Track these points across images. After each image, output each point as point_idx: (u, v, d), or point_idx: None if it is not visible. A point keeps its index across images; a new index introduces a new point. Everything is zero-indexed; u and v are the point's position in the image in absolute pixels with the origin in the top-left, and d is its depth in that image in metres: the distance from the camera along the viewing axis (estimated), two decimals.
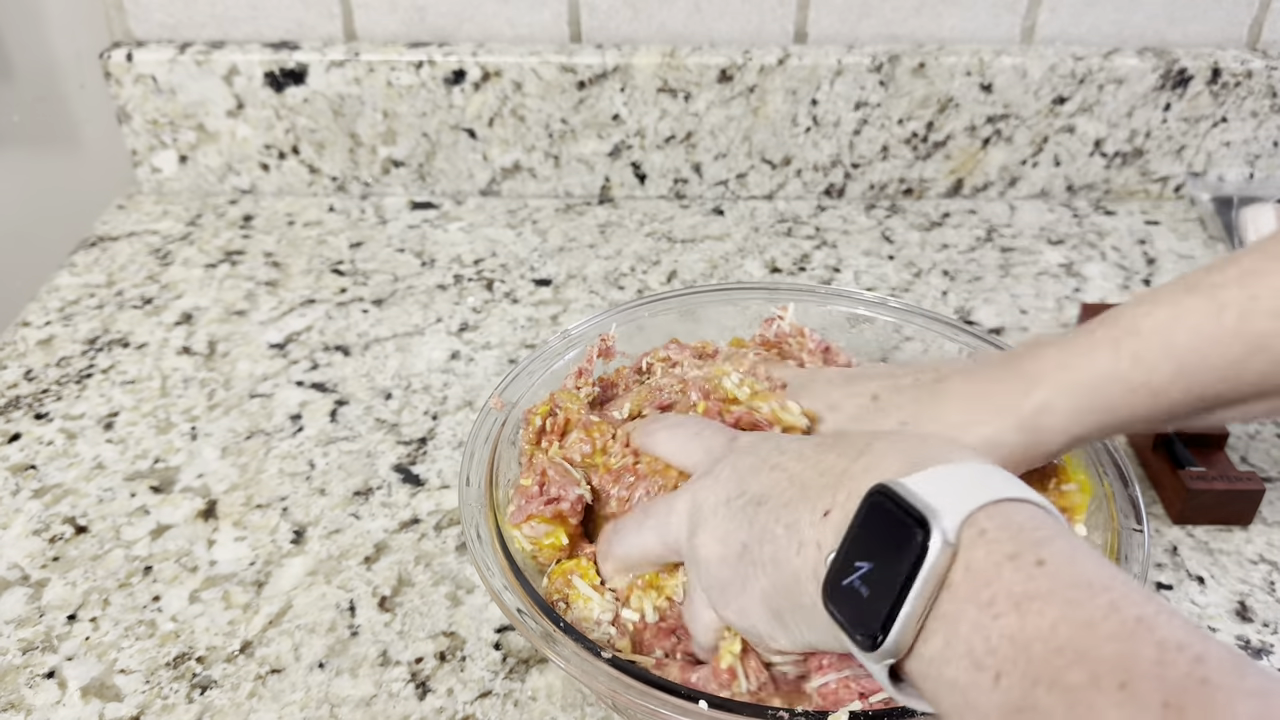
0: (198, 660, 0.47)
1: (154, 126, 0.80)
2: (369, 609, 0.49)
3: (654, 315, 0.55)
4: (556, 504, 0.44)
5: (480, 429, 0.48)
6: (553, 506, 0.44)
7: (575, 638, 0.39)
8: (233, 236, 0.78)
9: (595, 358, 0.52)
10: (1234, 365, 0.39)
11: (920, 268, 0.75)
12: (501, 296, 0.72)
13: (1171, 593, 0.50)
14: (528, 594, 0.41)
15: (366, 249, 0.77)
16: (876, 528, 0.31)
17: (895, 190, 0.83)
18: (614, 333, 0.53)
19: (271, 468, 0.57)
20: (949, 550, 0.29)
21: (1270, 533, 0.53)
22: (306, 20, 0.78)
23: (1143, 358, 0.40)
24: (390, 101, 0.78)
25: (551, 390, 0.51)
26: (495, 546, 0.43)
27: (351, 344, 0.67)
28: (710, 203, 0.83)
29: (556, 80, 0.77)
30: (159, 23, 0.79)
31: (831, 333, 0.56)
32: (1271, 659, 0.47)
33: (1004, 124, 0.80)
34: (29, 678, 0.46)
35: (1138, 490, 0.45)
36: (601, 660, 0.38)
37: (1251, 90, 0.78)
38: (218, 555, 0.52)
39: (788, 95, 0.78)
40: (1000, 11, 0.78)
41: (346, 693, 0.45)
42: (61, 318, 0.69)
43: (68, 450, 0.59)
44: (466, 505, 0.45)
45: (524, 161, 0.81)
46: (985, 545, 0.29)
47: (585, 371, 0.51)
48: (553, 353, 0.53)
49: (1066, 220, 0.81)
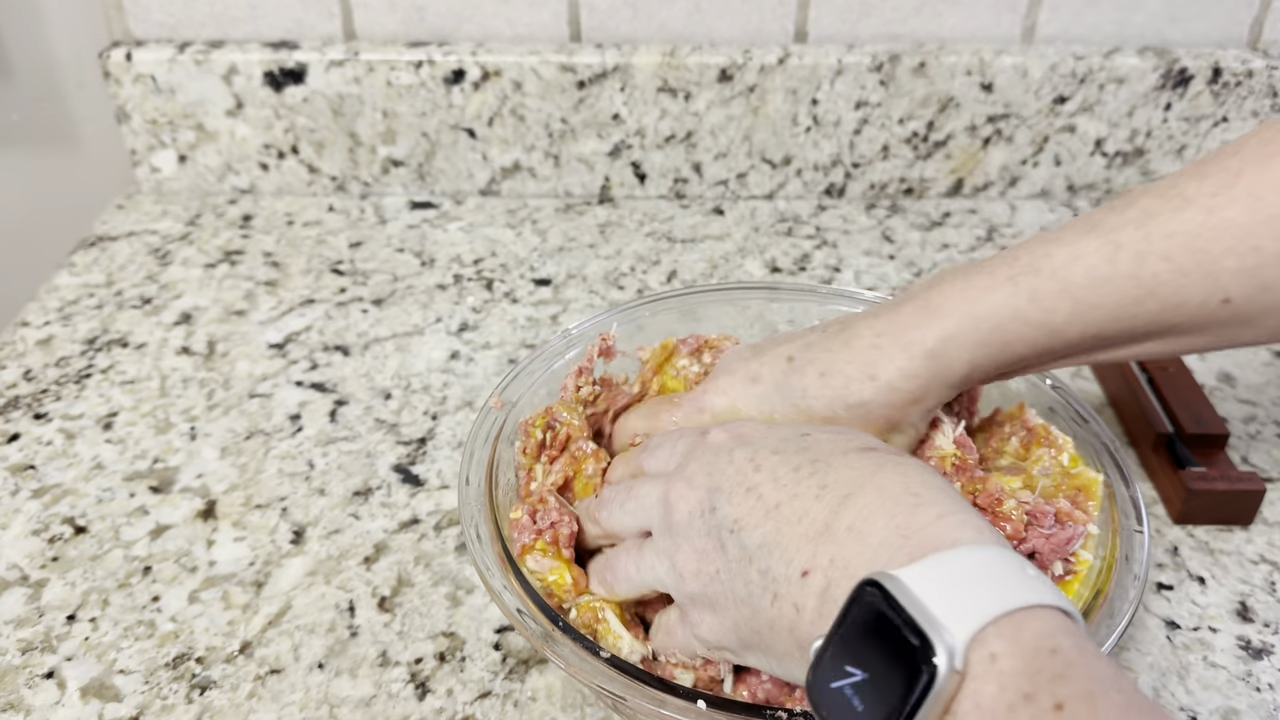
0: (197, 661, 0.47)
1: (153, 126, 0.80)
2: (369, 609, 0.49)
3: (654, 315, 0.55)
4: (553, 530, 0.43)
5: (480, 429, 0.48)
6: (548, 535, 0.43)
7: (574, 637, 0.39)
8: (232, 236, 0.78)
9: (596, 357, 0.52)
10: (1128, 307, 0.40)
11: (921, 267, 0.75)
12: (501, 296, 0.71)
13: (1172, 593, 0.50)
14: (527, 594, 0.41)
15: (366, 249, 0.77)
16: (870, 631, 0.29)
17: (896, 190, 0.83)
18: (614, 332, 0.53)
19: (271, 468, 0.57)
20: (955, 677, 0.27)
21: (1271, 533, 0.53)
22: (306, 20, 0.78)
23: (1040, 296, 0.40)
24: (390, 101, 0.78)
25: (551, 389, 0.51)
26: (495, 547, 0.43)
27: (351, 344, 0.67)
28: (710, 202, 0.83)
29: (556, 80, 0.77)
30: (158, 22, 0.79)
31: None
32: (1272, 659, 0.47)
33: (1004, 124, 0.80)
34: (28, 678, 0.46)
35: (1139, 490, 0.45)
36: (600, 660, 0.38)
37: (1252, 90, 0.78)
38: (217, 555, 0.52)
39: (788, 95, 0.78)
40: (1001, 11, 0.78)
41: (346, 693, 0.45)
42: (61, 318, 0.69)
43: (67, 450, 0.58)
44: (466, 505, 0.45)
45: (524, 161, 0.81)
46: (997, 679, 0.26)
47: (585, 370, 0.51)
48: (553, 352, 0.53)
49: (1067, 220, 0.81)
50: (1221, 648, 0.47)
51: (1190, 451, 0.54)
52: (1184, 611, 0.49)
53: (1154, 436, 0.56)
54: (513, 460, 0.49)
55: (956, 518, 0.32)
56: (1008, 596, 0.28)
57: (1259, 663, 0.47)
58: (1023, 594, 0.28)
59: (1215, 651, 0.47)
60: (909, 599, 0.28)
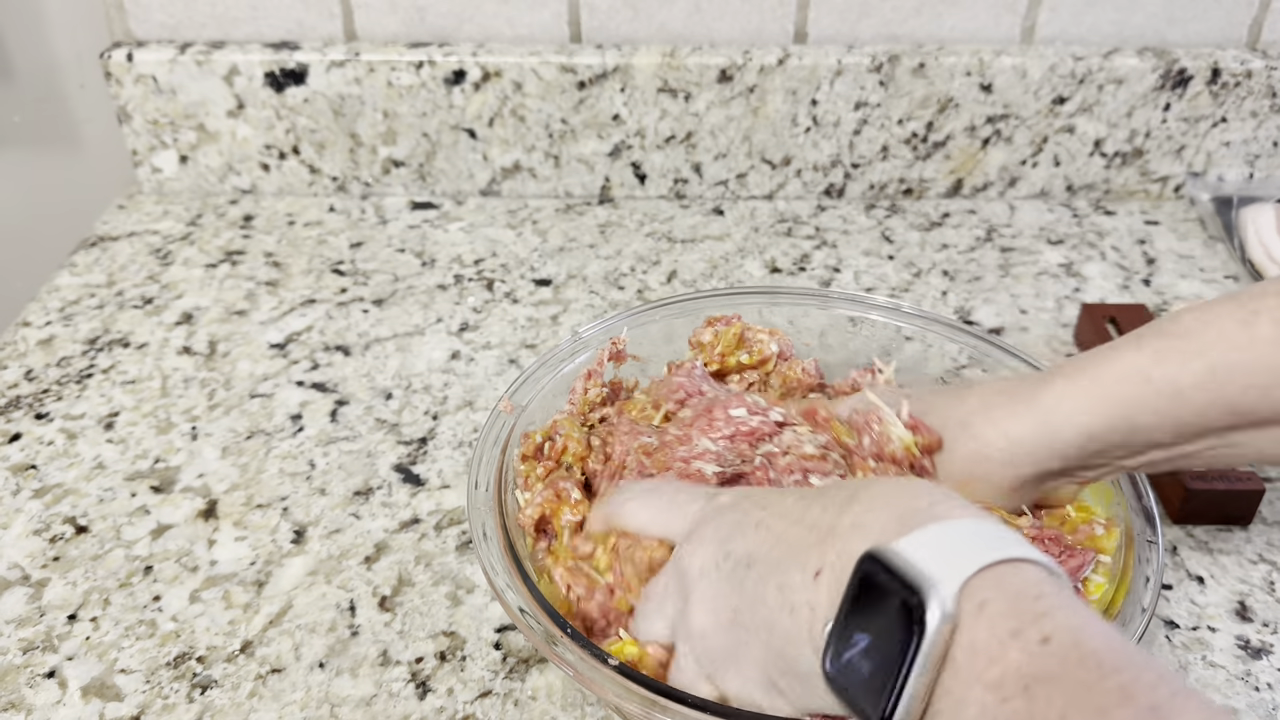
0: (198, 660, 0.47)
1: (154, 126, 0.80)
2: (369, 609, 0.49)
3: (665, 319, 0.55)
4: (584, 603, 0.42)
5: (489, 432, 0.48)
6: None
7: (581, 643, 0.39)
8: (233, 236, 0.78)
9: (606, 361, 0.52)
10: (1267, 373, 0.37)
11: (920, 268, 0.75)
12: (502, 296, 0.72)
13: (1171, 593, 0.50)
14: (534, 596, 0.41)
15: (367, 249, 0.77)
16: (871, 598, 0.30)
17: (895, 190, 0.83)
18: (625, 336, 0.53)
19: (272, 468, 0.57)
20: (949, 624, 0.28)
21: (1270, 532, 0.53)
22: (307, 20, 0.79)
23: (1167, 355, 0.39)
24: (390, 101, 0.78)
25: (559, 391, 0.51)
26: (502, 547, 0.43)
27: (352, 344, 0.67)
28: (710, 203, 0.83)
29: (556, 80, 0.77)
30: (159, 23, 0.79)
31: (831, 334, 0.56)
32: (1271, 659, 0.47)
33: (1004, 124, 0.80)
34: (29, 677, 0.46)
35: (1153, 501, 0.45)
36: (607, 666, 0.38)
37: (1251, 90, 0.78)
38: (218, 555, 0.52)
39: (788, 95, 0.78)
40: (1000, 11, 0.78)
41: (347, 692, 0.45)
42: (62, 318, 0.70)
43: (68, 450, 0.59)
44: (475, 510, 0.44)
45: (524, 161, 0.81)
46: (986, 621, 0.28)
47: (595, 374, 0.51)
48: (562, 356, 0.53)
49: (1066, 220, 0.81)
50: (1220, 647, 0.47)
51: None
52: (1183, 611, 0.49)
53: None
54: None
55: (954, 502, 0.32)
56: (994, 551, 0.29)
57: (1258, 662, 0.47)
58: (1009, 549, 0.29)
59: (1214, 651, 0.47)
60: (903, 561, 0.29)
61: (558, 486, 0.46)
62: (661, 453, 0.45)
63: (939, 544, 0.30)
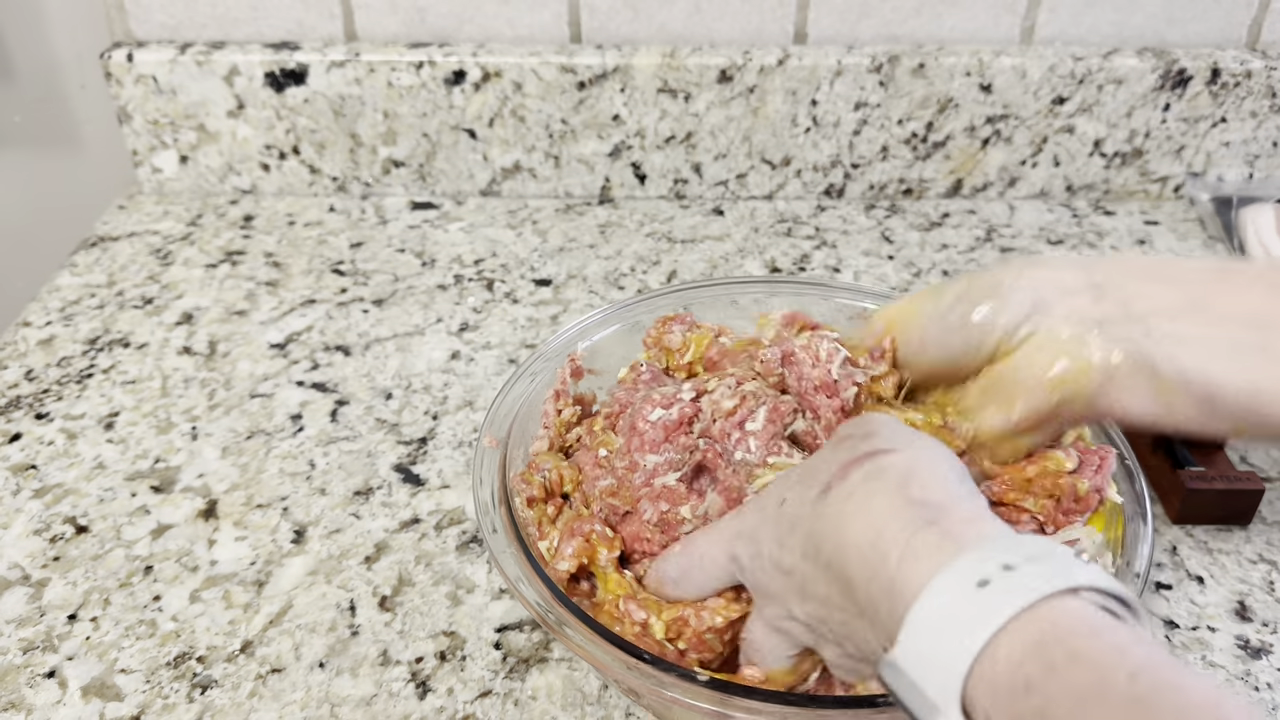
0: (198, 660, 0.47)
1: (155, 127, 0.80)
2: (369, 609, 0.49)
3: (651, 314, 0.55)
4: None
5: (480, 466, 0.47)
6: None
7: (596, 628, 0.39)
8: (233, 236, 0.78)
9: (568, 378, 0.51)
10: None
11: (920, 268, 0.75)
12: (502, 296, 0.72)
13: (1171, 592, 0.50)
14: (549, 588, 0.41)
15: (367, 249, 0.77)
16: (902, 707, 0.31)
17: (895, 190, 0.83)
18: (582, 351, 0.52)
19: (272, 467, 0.57)
20: None
21: (1270, 532, 0.53)
22: (307, 20, 0.79)
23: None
24: (391, 102, 0.78)
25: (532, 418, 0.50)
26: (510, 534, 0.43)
27: (352, 344, 0.67)
28: (710, 203, 0.83)
29: (556, 80, 0.77)
30: (160, 23, 0.79)
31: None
32: (1271, 659, 0.47)
33: (1003, 124, 0.80)
34: (29, 677, 0.46)
35: (1144, 484, 0.45)
36: (621, 650, 0.38)
37: (1251, 90, 0.78)
38: (218, 555, 0.52)
39: (787, 95, 0.78)
40: (1000, 12, 0.78)
41: (347, 692, 0.45)
42: (62, 318, 0.70)
43: (68, 450, 0.59)
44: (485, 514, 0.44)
45: (524, 162, 0.81)
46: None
47: (562, 394, 0.50)
48: (529, 373, 0.51)
49: (1066, 220, 0.81)
50: (1220, 647, 0.47)
51: (1189, 451, 0.54)
52: (1182, 611, 0.49)
53: (1152, 436, 0.56)
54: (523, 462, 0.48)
55: (924, 537, 0.31)
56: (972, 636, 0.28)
57: (1257, 662, 0.47)
58: (985, 622, 0.28)
59: (1214, 651, 0.47)
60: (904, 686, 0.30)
61: (583, 531, 0.43)
62: (623, 489, 0.44)
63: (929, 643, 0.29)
